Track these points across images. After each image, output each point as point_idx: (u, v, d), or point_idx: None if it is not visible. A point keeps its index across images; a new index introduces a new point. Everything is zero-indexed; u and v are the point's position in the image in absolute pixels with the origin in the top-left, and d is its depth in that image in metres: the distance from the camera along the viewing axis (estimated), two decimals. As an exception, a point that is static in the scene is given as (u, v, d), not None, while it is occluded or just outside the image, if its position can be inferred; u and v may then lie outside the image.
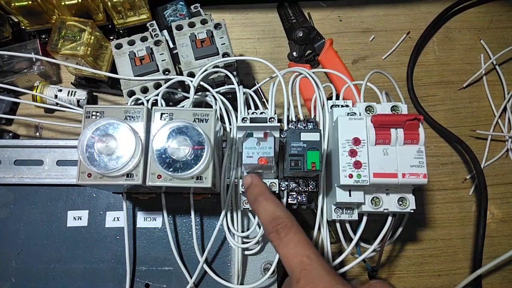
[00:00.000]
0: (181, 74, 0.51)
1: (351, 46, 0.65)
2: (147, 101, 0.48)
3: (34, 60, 0.59)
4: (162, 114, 0.38)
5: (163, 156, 0.36)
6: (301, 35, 0.63)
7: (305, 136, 0.38)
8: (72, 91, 0.58)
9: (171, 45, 0.55)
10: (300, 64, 0.62)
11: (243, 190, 0.43)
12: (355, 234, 0.45)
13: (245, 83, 0.61)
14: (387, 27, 0.66)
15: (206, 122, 0.38)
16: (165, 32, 0.58)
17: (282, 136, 0.44)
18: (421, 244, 0.57)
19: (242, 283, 0.46)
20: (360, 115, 0.42)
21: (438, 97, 0.63)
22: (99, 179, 0.37)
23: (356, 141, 0.39)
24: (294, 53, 0.63)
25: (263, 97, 0.59)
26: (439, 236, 0.58)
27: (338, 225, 0.45)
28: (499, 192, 0.59)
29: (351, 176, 0.38)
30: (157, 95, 0.48)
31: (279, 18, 0.66)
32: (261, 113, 0.47)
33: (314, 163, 0.38)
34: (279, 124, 0.38)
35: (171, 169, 0.36)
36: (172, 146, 0.36)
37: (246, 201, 0.45)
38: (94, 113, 0.38)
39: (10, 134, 0.58)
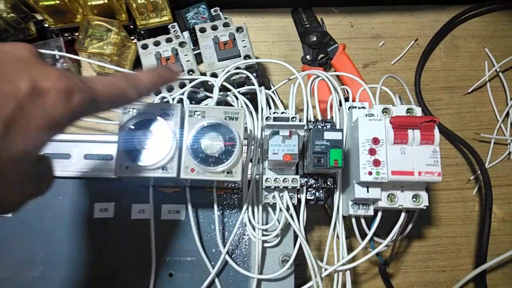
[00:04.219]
0: (202, 74, 0.54)
1: (362, 51, 0.68)
2: (173, 99, 0.50)
3: (57, 57, 0.61)
4: (195, 111, 0.41)
5: (197, 151, 0.39)
6: (314, 39, 0.65)
7: (328, 135, 0.41)
8: (94, 89, 0.60)
9: (192, 46, 0.58)
10: (313, 67, 0.65)
11: (266, 185, 0.46)
12: (369, 229, 0.48)
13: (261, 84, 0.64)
14: (396, 33, 0.69)
15: (236, 120, 0.41)
16: (185, 33, 0.61)
17: (302, 135, 0.47)
18: (427, 241, 0.60)
19: (260, 274, 0.49)
20: (377, 116, 0.45)
21: (444, 102, 0.66)
22: (136, 172, 0.39)
23: (376, 141, 0.42)
24: (308, 57, 0.66)
25: (278, 98, 0.62)
26: (444, 234, 0.61)
27: (354, 220, 0.48)
28: (501, 193, 0.62)
29: (370, 173, 0.41)
30: (182, 94, 0.51)
31: (293, 22, 0.68)
32: (282, 112, 0.49)
33: (336, 161, 0.40)
34: (305, 123, 0.41)
35: (204, 164, 0.39)
36: (205, 142, 0.39)
37: (267, 195, 0.47)
38: (130, 109, 0.40)
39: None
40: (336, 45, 0.65)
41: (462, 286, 0.56)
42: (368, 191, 0.43)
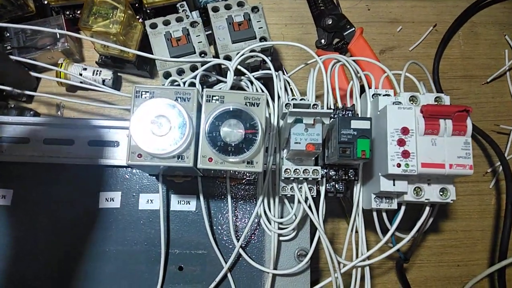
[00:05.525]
0: (214, 57, 0.51)
1: (379, 36, 0.65)
2: (184, 83, 0.47)
3: (58, 36, 0.57)
4: (213, 96, 0.37)
5: (215, 139, 0.36)
6: (330, 22, 0.62)
7: (355, 124, 0.38)
8: (97, 71, 0.57)
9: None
10: (329, 51, 0.61)
11: (285, 176, 0.43)
12: (390, 223, 0.45)
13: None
14: (414, 18, 0.66)
15: (258, 106, 0.38)
16: (194, 13, 0.57)
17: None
18: (442, 235, 0.58)
19: (275, 268, 0.46)
20: (405, 104, 0.42)
21: (462, 91, 0.63)
22: (150, 160, 0.36)
23: (405, 131, 0.39)
24: (323, 41, 0.62)
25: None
26: (459, 228, 0.59)
27: (375, 214, 0.45)
28: (519, 186, 0.60)
29: (399, 165, 0.39)
30: (194, 77, 0.47)
31: (307, 4, 0.65)
32: (301, 99, 0.46)
33: (364, 151, 0.38)
34: (331, 111, 0.38)
35: (223, 153, 0.36)
36: (225, 129, 0.36)
37: (285, 187, 0.45)
38: (144, 93, 0.37)
39: (31, 112, 0.57)
40: (353, 29, 0.61)
41: (478, 281, 0.54)
42: (394, 184, 0.41)
